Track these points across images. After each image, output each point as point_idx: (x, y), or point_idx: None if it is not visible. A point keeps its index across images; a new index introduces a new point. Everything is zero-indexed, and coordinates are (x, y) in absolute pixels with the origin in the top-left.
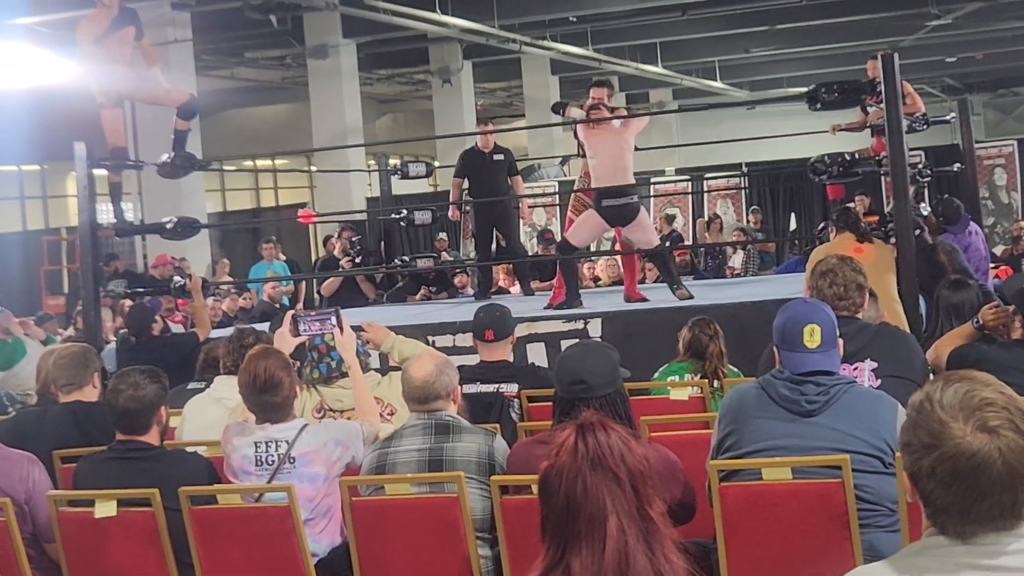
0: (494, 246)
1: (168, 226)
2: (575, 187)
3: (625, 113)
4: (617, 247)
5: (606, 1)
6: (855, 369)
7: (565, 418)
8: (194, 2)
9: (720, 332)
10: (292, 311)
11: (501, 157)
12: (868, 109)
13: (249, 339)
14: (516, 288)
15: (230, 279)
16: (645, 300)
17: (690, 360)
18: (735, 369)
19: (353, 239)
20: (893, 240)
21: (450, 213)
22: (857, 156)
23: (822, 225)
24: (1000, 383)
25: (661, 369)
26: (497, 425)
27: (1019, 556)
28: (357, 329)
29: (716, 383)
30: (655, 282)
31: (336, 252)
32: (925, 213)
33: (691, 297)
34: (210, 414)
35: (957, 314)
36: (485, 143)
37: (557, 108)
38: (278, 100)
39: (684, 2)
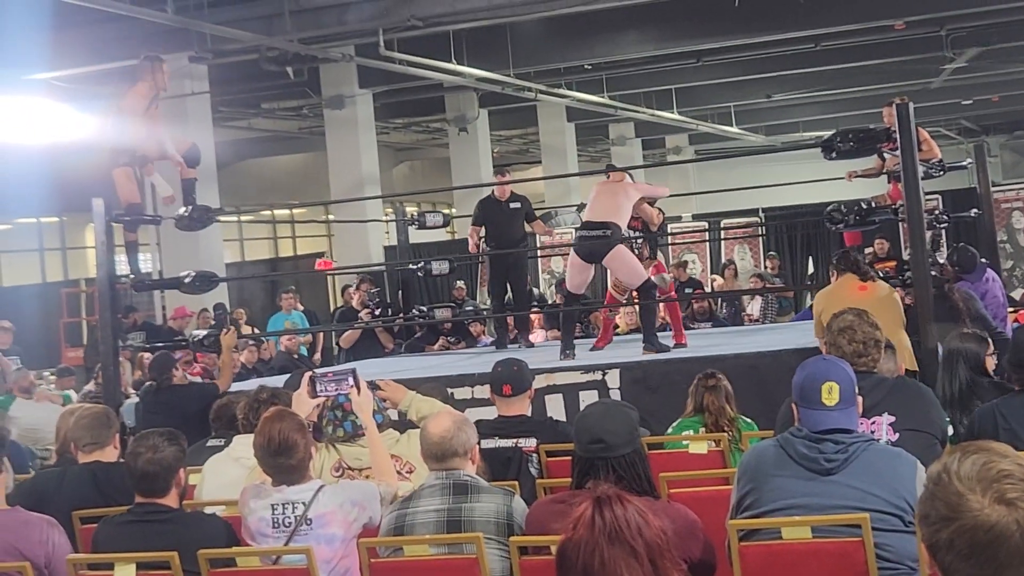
0: (508, 295)
1: (186, 280)
2: None
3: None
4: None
5: (620, 48)
6: (873, 423)
7: (584, 478)
8: (211, 55)
9: (723, 385)
10: (309, 372)
11: (518, 205)
12: (885, 155)
13: (263, 396)
14: (536, 336)
15: (249, 329)
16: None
17: (696, 415)
18: (748, 420)
19: (371, 291)
20: (910, 287)
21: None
22: (874, 204)
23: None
24: (1018, 454)
25: (673, 425)
26: (516, 482)
27: None
28: (374, 387)
29: (732, 435)
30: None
31: (355, 304)
32: (942, 261)
33: (664, 350)
34: (229, 473)
35: (964, 359)
36: (501, 192)
37: None
38: (295, 150)
39: (699, 49)
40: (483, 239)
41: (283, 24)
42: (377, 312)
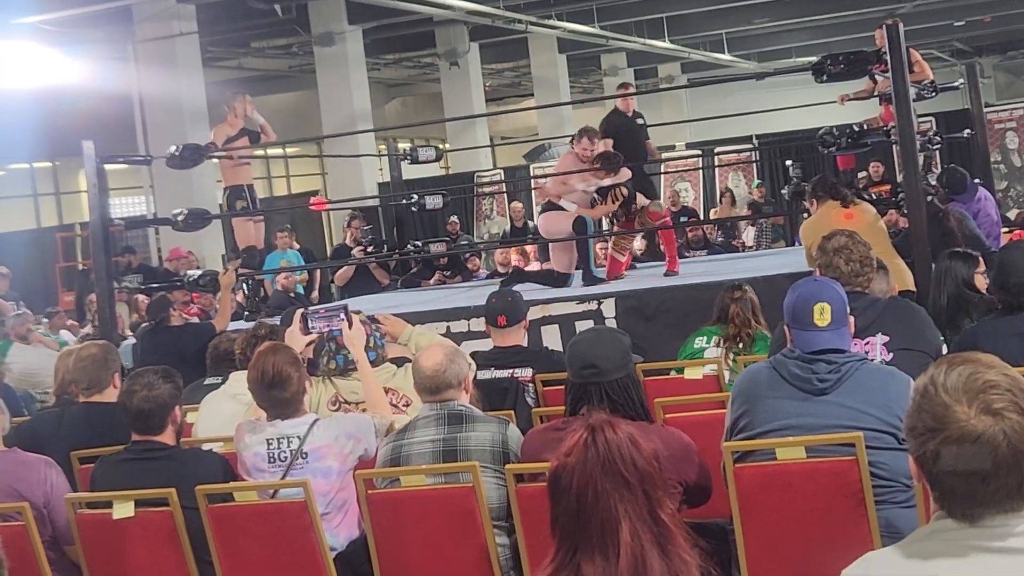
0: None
1: (179, 218)
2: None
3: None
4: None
5: None
6: (867, 343)
7: (578, 404)
8: None
9: (748, 297)
10: (301, 309)
11: (641, 120)
12: (876, 78)
13: (262, 331)
14: (531, 268)
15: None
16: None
17: (718, 325)
18: (765, 333)
19: (364, 228)
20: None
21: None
22: (866, 126)
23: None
24: (1004, 365)
25: (691, 335)
26: (511, 412)
27: None
28: (373, 321)
29: (739, 347)
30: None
31: (348, 241)
32: (933, 183)
33: (595, 283)
34: (226, 410)
35: (954, 278)
36: (626, 105)
37: None
38: (286, 89)
39: None
40: None
41: None
42: (371, 249)
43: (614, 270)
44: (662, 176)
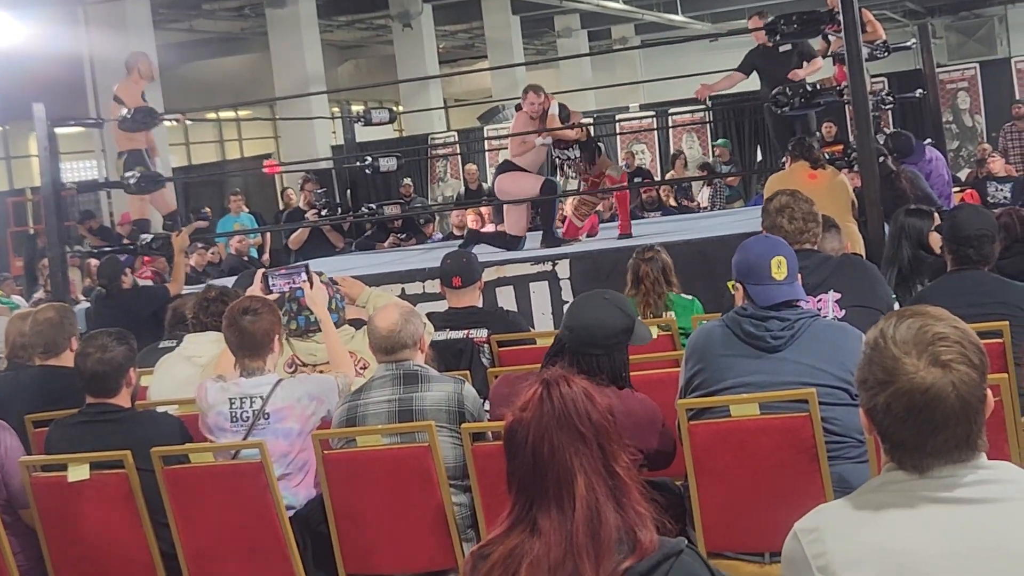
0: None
1: (131, 181)
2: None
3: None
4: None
5: None
6: (819, 300)
7: (555, 359)
8: None
9: (660, 258)
10: (262, 269)
11: (788, 47)
12: (829, 38)
13: (212, 294)
14: (486, 230)
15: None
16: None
17: (633, 292)
18: (686, 298)
19: (318, 191)
20: (856, 168)
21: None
22: (819, 86)
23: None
24: (954, 318)
25: None
26: (467, 372)
27: (975, 487)
28: (332, 283)
29: (665, 314)
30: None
31: (301, 204)
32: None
33: (557, 244)
34: (181, 372)
35: (908, 236)
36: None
37: None
38: (238, 51)
39: None
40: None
41: None
42: (324, 212)
43: (570, 233)
44: (617, 137)
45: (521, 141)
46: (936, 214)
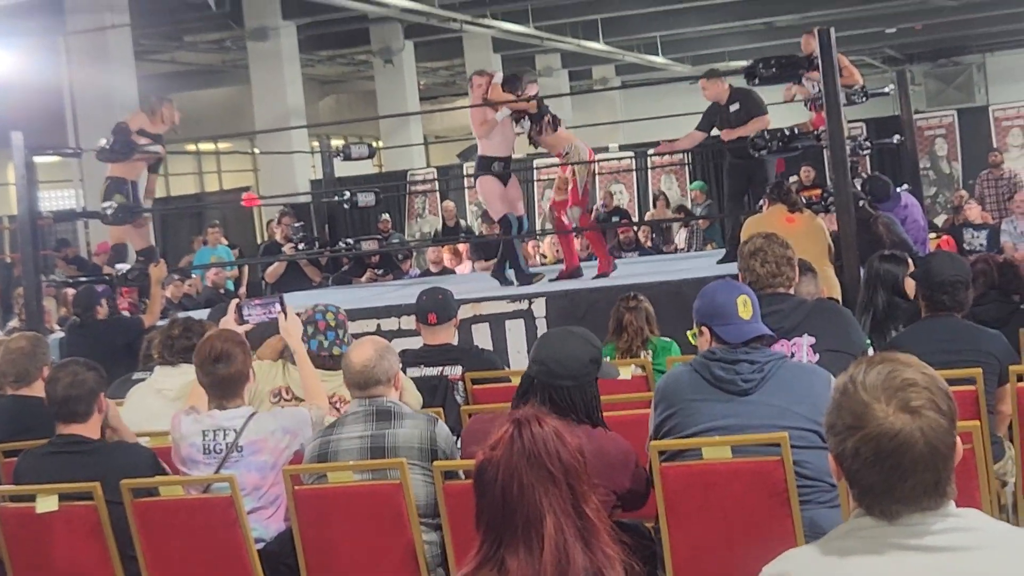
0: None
1: (108, 211)
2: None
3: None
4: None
5: None
6: (793, 344)
7: (525, 397)
8: None
9: (644, 307)
10: (236, 299)
11: (737, 106)
12: (804, 83)
13: (176, 331)
14: (463, 267)
15: (180, 266)
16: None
17: (614, 338)
18: (666, 340)
19: (295, 224)
20: (833, 212)
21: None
22: (796, 131)
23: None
24: (923, 364)
25: None
26: (440, 409)
27: (944, 535)
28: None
29: (646, 355)
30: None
31: (278, 238)
32: (856, 190)
33: (528, 281)
34: (150, 404)
35: (883, 282)
36: (716, 95)
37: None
38: (219, 84)
39: None
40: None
41: None
42: (301, 246)
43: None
44: (596, 177)
45: (481, 122)
46: (911, 260)
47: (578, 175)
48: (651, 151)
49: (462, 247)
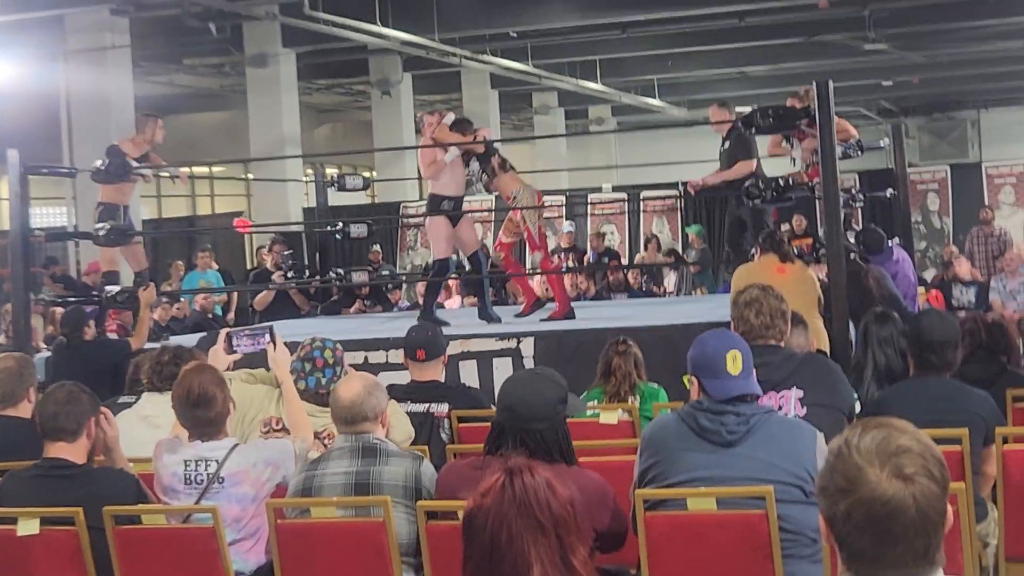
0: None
1: (100, 233)
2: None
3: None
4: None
5: (547, 17)
6: (781, 397)
7: (497, 443)
8: (133, 8)
9: (633, 352)
10: (227, 329)
11: (728, 145)
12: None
13: (166, 358)
14: (452, 302)
15: (169, 288)
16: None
17: (602, 382)
18: (654, 386)
19: (285, 252)
20: (824, 263)
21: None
22: (791, 181)
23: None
24: (918, 431)
25: (580, 397)
26: (426, 446)
27: None
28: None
29: (634, 400)
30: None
31: (268, 265)
32: (850, 241)
33: (496, 320)
34: (135, 431)
35: (883, 345)
36: (718, 127)
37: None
38: (216, 107)
39: (624, 21)
40: None
41: None
42: (290, 274)
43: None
44: (588, 218)
45: (430, 163)
46: (900, 315)
47: (529, 221)
48: (685, 186)
49: (452, 282)
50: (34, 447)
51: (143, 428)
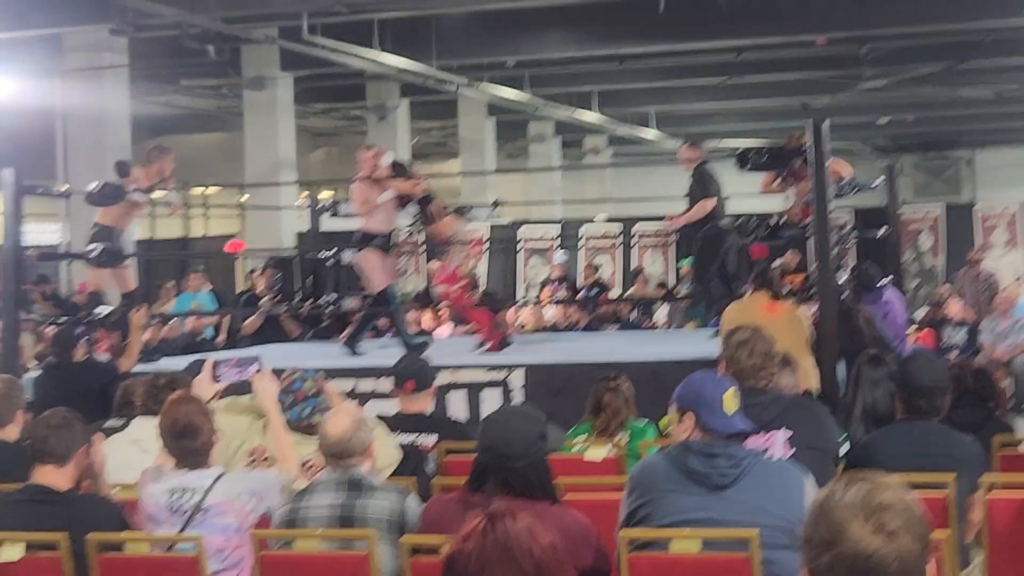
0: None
1: (92, 254)
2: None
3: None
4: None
5: (544, 47)
6: (768, 438)
7: (479, 480)
8: (132, 28)
9: (624, 388)
10: (213, 358)
11: (692, 182)
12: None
13: (162, 382)
14: (441, 330)
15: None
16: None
17: (591, 418)
18: (642, 423)
19: (276, 276)
20: (815, 302)
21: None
22: (783, 219)
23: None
24: (902, 486)
25: (569, 432)
26: (413, 478)
27: None
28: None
29: (622, 438)
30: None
31: (259, 289)
32: (843, 280)
33: (421, 349)
34: (125, 455)
35: (873, 387)
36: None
37: None
38: (212, 128)
39: (621, 53)
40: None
41: (207, 2)
42: (278, 299)
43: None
44: (581, 252)
45: (363, 201)
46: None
47: (455, 256)
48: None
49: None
50: (21, 470)
51: (133, 452)
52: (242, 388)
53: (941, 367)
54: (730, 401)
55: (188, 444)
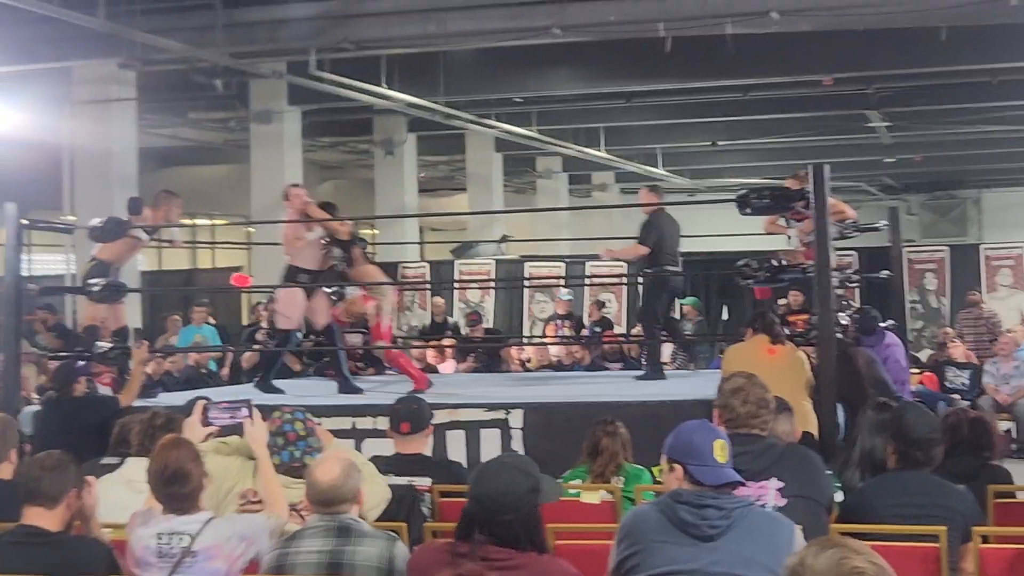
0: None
1: (95, 289)
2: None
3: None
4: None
5: (552, 84)
6: (761, 487)
7: (467, 529)
8: (140, 63)
9: (620, 432)
10: (203, 400)
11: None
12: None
13: (159, 422)
14: (446, 366)
15: (164, 343)
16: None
17: (587, 462)
18: (638, 468)
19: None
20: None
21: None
22: (785, 261)
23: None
24: (873, 552)
25: (564, 475)
26: (404, 524)
27: None
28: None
29: (614, 481)
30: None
31: (263, 323)
32: (845, 322)
33: (356, 392)
34: (118, 495)
35: (873, 433)
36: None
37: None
38: (219, 161)
39: (629, 90)
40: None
41: (215, 37)
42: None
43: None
44: (587, 289)
45: (294, 238)
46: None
47: (383, 312)
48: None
49: (447, 346)
50: (13, 509)
51: (126, 492)
52: (232, 429)
53: (933, 419)
54: (720, 451)
55: (177, 490)
